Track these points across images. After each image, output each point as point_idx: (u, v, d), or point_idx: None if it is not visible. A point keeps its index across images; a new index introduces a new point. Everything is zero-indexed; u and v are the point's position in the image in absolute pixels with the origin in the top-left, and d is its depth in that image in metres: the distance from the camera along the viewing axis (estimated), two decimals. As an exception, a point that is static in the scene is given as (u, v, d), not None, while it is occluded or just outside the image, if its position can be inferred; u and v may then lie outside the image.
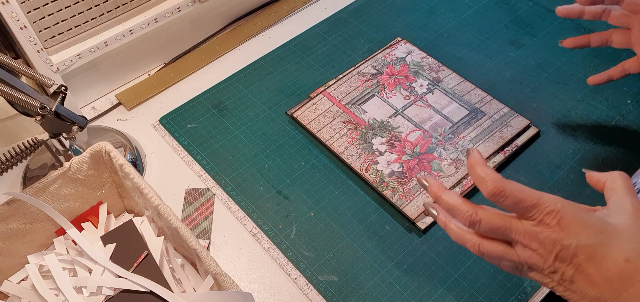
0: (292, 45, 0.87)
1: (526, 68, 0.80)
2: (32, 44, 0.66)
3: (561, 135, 0.71)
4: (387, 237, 0.63)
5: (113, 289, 0.54)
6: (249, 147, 0.73)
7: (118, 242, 0.58)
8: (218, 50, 0.87)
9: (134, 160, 0.71)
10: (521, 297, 0.57)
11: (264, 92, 0.80)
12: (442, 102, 0.75)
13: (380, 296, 0.58)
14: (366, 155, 0.70)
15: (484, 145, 0.69)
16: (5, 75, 0.55)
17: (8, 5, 0.62)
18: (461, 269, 0.60)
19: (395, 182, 0.66)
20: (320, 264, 0.61)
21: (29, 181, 0.69)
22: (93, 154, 0.59)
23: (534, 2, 0.90)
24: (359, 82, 0.78)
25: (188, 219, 0.66)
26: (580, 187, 0.66)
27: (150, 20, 0.77)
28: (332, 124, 0.73)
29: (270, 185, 0.68)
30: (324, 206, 0.66)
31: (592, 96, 0.75)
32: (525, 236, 0.42)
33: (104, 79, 0.80)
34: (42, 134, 0.74)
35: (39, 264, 0.57)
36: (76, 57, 0.73)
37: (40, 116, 0.56)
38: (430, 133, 0.72)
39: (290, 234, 0.63)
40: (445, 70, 0.79)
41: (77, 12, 0.71)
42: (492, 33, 0.86)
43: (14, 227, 0.56)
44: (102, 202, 0.62)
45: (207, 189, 0.69)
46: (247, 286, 0.60)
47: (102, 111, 0.79)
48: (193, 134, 0.75)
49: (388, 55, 0.82)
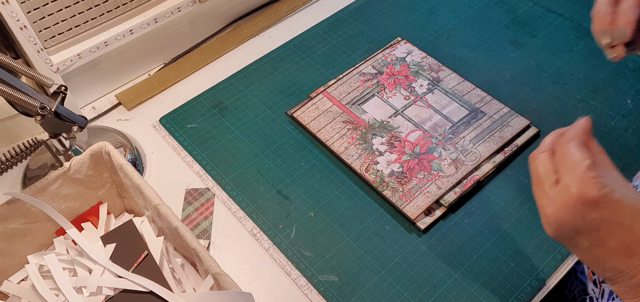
0: (292, 45, 0.87)
1: (526, 68, 0.80)
2: (32, 44, 0.66)
3: (561, 136, 0.71)
4: (387, 237, 0.63)
5: (113, 289, 0.54)
6: (249, 147, 0.73)
7: (118, 242, 0.58)
8: (218, 50, 0.87)
9: (134, 160, 0.71)
10: (521, 297, 0.57)
11: (264, 92, 0.80)
12: (442, 102, 0.75)
13: (380, 296, 0.58)
14: (366, 155, 0.70)
15: (484, 145, 0.69)
16: (5, 75, 0.55)
17: (8, 5, 0.62)
18: (461, 269, 0.60)
19: (395, 182, 0.66)
20: (320, 264, 0.61)
21: (29, 181, 0.69)
22: (93, 154, 0.59)
23: (534, 2, 0.90)
24: (359, 82, 0.78)
25: (188, 219, 0.66)
26: (580, 187, 0.65)
27: (150, 20, 0.77)
28: (332, 124, 0.73)
29: (270, 185, 0.68)
30: (324, 206, 0.66)
31: (592, 96, 0.75)
32: (555, 197, 0.42)
33: (104, 79, 0.80)
34: (42, 134, 0.74)
35: (39, 264, 0.57)
36: (76, 57, 0.73)
37: (40, 116, 0.56)
38: (430, 133, 0.72)
39: (290, 234, 0.63)
40: (445, 70, 0.79)
41: (77, 12, 0.71)
42: (492, 33, 0.86)
43: (14, 227, 0.56)
44: (102, 202, 0.62)
45: (207, 189, 0.69)
46: (247, 286, 0.60)
47: (102, 111, 0.79)
48: (193, 134, 0.75)
49: (388, 55, 0.82)
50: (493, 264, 0.60)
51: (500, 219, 0.63)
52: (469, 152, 0.69)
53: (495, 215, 0.64)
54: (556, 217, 0.42)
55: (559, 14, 0.88)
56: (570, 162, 0.41)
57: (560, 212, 0.41)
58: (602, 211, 0.40)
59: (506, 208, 0.64)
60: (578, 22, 0.86)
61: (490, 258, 0.60)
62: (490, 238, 0.62)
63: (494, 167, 0.67)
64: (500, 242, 0.61)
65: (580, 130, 0.43)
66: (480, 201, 0.65)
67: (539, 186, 0.44)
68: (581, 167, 0.40)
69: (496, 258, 0.60)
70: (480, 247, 0.61)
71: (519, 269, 0.59)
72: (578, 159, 0.41)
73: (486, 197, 0.66)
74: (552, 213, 0.42)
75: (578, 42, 0.83)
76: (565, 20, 0.87)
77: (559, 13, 0.88)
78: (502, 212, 0.64)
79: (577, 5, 0.89)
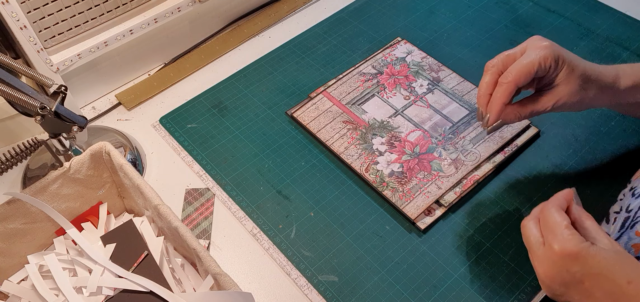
0: (292, 45, 0.87)
1: (526, 68, 0.80)
2: (32, 44, 0.66)
3: (561, 135, 0.71)
4: (387, 237, 0.63)
5: (113, 289, 0.54)
6: (249, 147, 0.73)
7: (118, 242, 0.58)
8: (218, 50, 0.87)
9: (134, 160, 0.71)
10: (521, 298, 0.57)
11: (264, 92, 0.80)
12: (442, 102, 0.75)
13: (380, 296, 0.58)
14: (366, 155, 0.70)
15: (484, 145, 0.69)
16: (5, 75, 0.55)
17: (8, 5, 0.62)
18: (461, 269, 0.60)
19: (395, 182, 0.66)
20: (320, 264, 0.61)
21: (29, 181, 0.69)
22: (93, 154, 0.59)
23: (534, 2, 0.90)
24: (359, 82, 0.78)
25: (188, 219, 0.66)
26: (580, 188, 0.65)
27: (150, 20, 0.77)
28: (332, 124, 0.73)
29: (270, 185, 0.68)
30: (324, 206, 0.66)
31: (592, 96, 0.75)
32: (540, 260, 0.47)
33: (104, 79, 0.80)
34: (42, 134, 0.74)
35: (39, 264, 0.57)
36: (76, 57, 0.73)
37: (40, 116, 0.56)
38: (430, 133, 0.72)
39: (290, 234, 0.64)
40: (445, 70, 0.79)
41: (77, 12, 0.71)
42: (492, 33, 0.86)
43: (14, 227, 0.56)
44: (102, 202, 0.62)
45: (207, 189, 0.69)
46: (247, 286, 0.60)
47: (102, 111, 0.79)
48: (193, 134, 0.75)
49: (388, 55, 0.82)
50: (493, 264, 0.60)
51: (500, 219, 0.64)
52: (469, 152, 0.69)
53: (495, 215, 0.64)
54: (546, 274, 0.47)
55: (559, 14, 0.88)
56: (551, 223, 0.47)
57: (549, 270, 0.46)
58: (583, 263, 0.44)
59: (506, 208, 0.64)
60: (578, 22, 0.86)
61: (490, 258, 0.60)
62: (490, 238, 0.62)
63: (494, 167, 0.68)
64: (500, 242, 0.61)
65: (560, 198, 0.49)
66: (480, 201, 0.65)
67: (530, 250, 0.49)
68: (561, 226, 0.46)
69: (496, 258, 0.60)
70: (480, 247, 0.61)
71: (519, 269, 0.59)
72: (558, 220, 0.46)
73: (486, 197, 0.66)
74: (543, 271, 0.47)
75: (578, 42, 0.83)
76: (565, 20, 0.87)
77: (559, 13, 0.88)
78: (502, 212, 0.64)
79: (577, 5, 0.89)
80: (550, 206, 0.48)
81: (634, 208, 0.52)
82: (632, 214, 0.51)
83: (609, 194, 0.64)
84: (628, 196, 0.54)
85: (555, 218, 0.46)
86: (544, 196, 0.65)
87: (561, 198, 0.49)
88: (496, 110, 0.55)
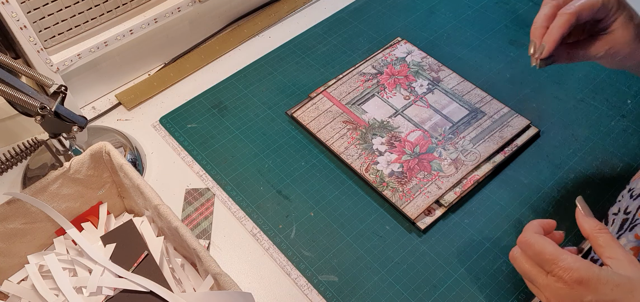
0: (292, 45, 0.87)
1: (526, 68, 0.80)
2: (32, 44, 0.66)
3: (561, 135, 0.71)
4: (387, 237, 0.63)
5: (113, 289, 0.54)
6: (249, 147, 0.73)
7: (118, 242, 0.58)
8: (218, 50, 0.87)
9: (134, 160, 0.71)
10: (521, 298, 0.57)
11: (264, 92, 0.80)
12: (442, 102, 0.75)
13: (380, 296, 0.58)
14: (366, 155, 0.70)
15: (484, 145, 0.69)
16: (5, 75, 0.55)
17: (8, 5, 0.62)
18: (461, 269, 0.60)
19: (395, 182, 0.66)
20: (320, 264, 0.61)
21: (29, 181, 0.69)
22: (93, 154, 0.59)
23: (534, 2, 0.90)
24: (359, 82, 0.78)
25: (188, 219, 0.66)
26: (580, 188, 0.66)
27: (150, 20, 0.77)
28: (332, 124, 0.73)
29: (270, 185, 0.68)
30: (324, 206, 0.66)
31: (592, 96, 0.75)
32: (547, 289, 0.45)
33: (104, 79, 0.80)
34: (42, 134, 0.74)
35: (39, 264, 0.57)
36: (76, 57, 0.73)
37: (40, 116, 0.56)
38: (430, 133, 0.72)
39: (290, 234, 0.64)
40: (445, 70, 0.79)
41: (77, 12, 0.71)
42: (492, 33, 0.86)
43: (14, 227, 0.56)
44: (102, 202, 0.62)
45: (207, 189, 0.69)
46: (247, 286, 0.60)
47: (102, 111, 0.79)
48: (193, 134, 0.75)
49: (388, 55, 0.82)
50: (493, 264, 0.60)
51: (500, 219, 0.64)
52: (469, 152, 0.69)
53: (495, 215, 0.64)
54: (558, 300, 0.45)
55: (559, 14, 0.88)
56: (548, 254, 0.44)
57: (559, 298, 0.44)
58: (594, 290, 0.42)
59: (506, 208, 0.64)
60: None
61: (490, 258, 0.60)
62: (490, 238, 0.62)
63: (494, 167, 0.68)
64: (500, 242, 0.61)
65: (536, 225, 0.48)
66: (480, 201, 0.65)
67: (530, 279, 0.47)
68: (562, 253, 0.44)
69: (496, 258, 0.60)
70: (480, 247, 0.61)
71: (519, 269, 0.59)
72: (551, 249, 0.44)
73: (486, 197, 0.66)
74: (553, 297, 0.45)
75: (578, 42, 0.83)
76: (565, 20, 0.87)
77: (559, 13, 0.88)
78: (502, 212, 0.64)
79: (577, 5, 0.89)
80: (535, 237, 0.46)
81: (632, 210, 0.51)
82: (630, 216, 0.51)
83: (609, 194, 0.64)
84: (626, 197, 0.54)
85: (548, 247, 0.45)
86: (543, 196, 0.65)
87: (536, 225, 0.48)
88: (554, 39, 0.52)
